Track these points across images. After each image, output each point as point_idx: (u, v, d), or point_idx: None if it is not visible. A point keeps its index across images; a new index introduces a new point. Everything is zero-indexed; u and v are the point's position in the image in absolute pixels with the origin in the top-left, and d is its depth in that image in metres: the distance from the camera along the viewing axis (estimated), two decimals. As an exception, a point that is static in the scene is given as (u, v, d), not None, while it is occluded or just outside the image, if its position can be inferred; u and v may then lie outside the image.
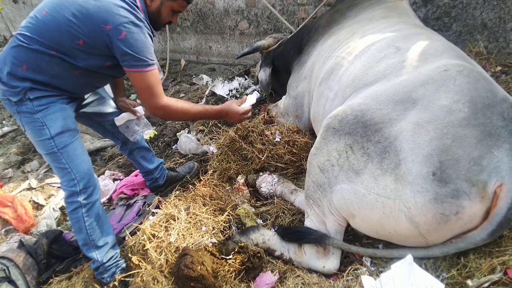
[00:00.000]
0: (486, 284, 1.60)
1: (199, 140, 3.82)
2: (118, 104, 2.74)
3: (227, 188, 2.83)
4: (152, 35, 2.15)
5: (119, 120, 2.65)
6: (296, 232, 2.13)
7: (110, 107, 2.70)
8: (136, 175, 3.47)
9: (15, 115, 2.16)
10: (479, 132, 1.61)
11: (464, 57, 2.06)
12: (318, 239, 1.99)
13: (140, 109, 2.72)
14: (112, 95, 2.80)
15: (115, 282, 2.17)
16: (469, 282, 1.65)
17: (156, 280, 2.07)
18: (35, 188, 3.86)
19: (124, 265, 2.41)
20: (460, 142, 1.59)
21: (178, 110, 2.28)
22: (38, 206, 3.60)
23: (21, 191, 3.83)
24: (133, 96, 5.30)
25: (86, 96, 2.51)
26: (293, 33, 3.95)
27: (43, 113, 2.11)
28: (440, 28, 3.64)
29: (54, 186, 3.86)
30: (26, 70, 2.03)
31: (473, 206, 1.57)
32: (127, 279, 2.21)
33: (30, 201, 3.65)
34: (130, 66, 2.05)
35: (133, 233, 2.64)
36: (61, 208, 3.50)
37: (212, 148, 3.49)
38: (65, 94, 2.22)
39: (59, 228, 3.23)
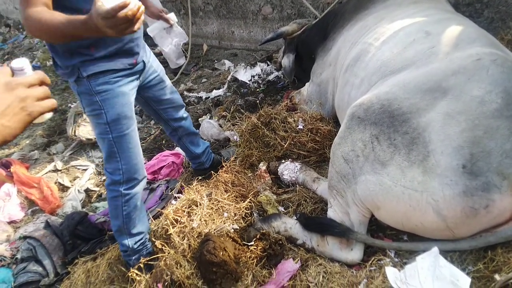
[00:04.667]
0: (515, 280, 1.57)
1: (221, 126, 3.83)
2: (149, 11, 2.61)
3: (249, 175, 2.83)
4: None
5: (152, 30, 2.55)
6: (319, 224, 2.12)
7: (168, 93, 2.61)
8: (157, 159, 3.51)
9: (77, 96, 2.13)
10: (512, 124, 1.56)
11: (497, 45, 1.99)
12: (342, 232, 1.98)
13: (172, 16, 2.61)
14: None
15: (140, 265, 2.21)
16: (496, 276, 1.61)
17: (179, 264, 2.10)
18: (60, 170, 3.95)
19: (150, 248, 2.46)
20: (492, 134, 1.55)
21: (36, 22, 1.70)
22: (63, 188, 3.70)
23: (46, 173, 3.93)
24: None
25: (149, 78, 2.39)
26: (318, 19, 3.87)
27: (101, 96, 2.07)
28: (471, 14, 3.51)
29: (79, 169, 3.94)
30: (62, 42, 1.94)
31: (504, 200, 1.53)
32: (151, 262, 2.24)
33: (55, 182, 3.74)
34: None
35: (156, 217, 2.68)
36: (86, 190, 3.59)
37: (236, 136, 3.48)
38: (111, 56, 2.05)
39: (84, 210, 3.30)
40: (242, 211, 2.43)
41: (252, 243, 2.20)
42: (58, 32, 1.67)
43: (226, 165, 2.84)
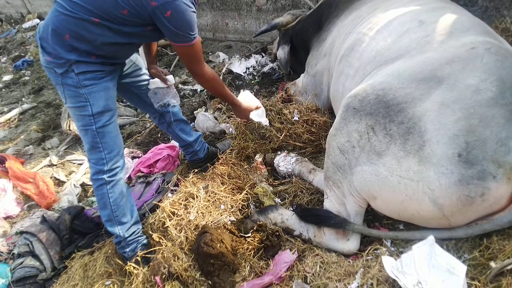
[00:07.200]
0: (510, 267, 1.57)
1: (216, 119, 3.81)
2: (151, 71, 2.76)
3: (245, 167, 2.82)
4: (195, 8, 2.11)
5: (152, 83, 2.67)
6: (316, 215, 2.12)
7: (147, 76, 2.71)
8: (152, 152, 3.50)
9: (58, 86, 2.18)
10: (507, 112, 1.56)
11: (491, 33, 1.98)
12: (338, 224, 1.99)
13: (171, 78, 2.71)
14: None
15: (137, 257, 2.21)
16: (492, 263, 1.62)
17: (176, 257, 2.10)
18: (55, 165, 3.94)
19: (145, 241, 2.46)
20: (487, 122, 1.55)
21: (212, 77, 2.43)
22: (59, 183, 3.68)
23: (42, 168, 3.91)
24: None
25: (125, 68, 2.53)
26: (312, 9, 3.86)
27: (88, 89, 2.14)
28: (465, 3, 3.50)
29: (74, 163, 3.93)
30: (69, 39, 2.03)
31: (500, 188, 1.53)
32: (148, 255, 2.24)
33: (51, 177, 3.73)
34: (174, 40, 2.11)
35: (152, 210, 2.67)
36: (82, 185, 3.57)
37: (231, 129, 3.47)
38: (107, 64, 2.22)
39: (80, 204, 3.29)
40: (239, 203, 2.44)
41: (249, 234, 2.21)
42: (222, 90, 2.57)
43: (222, 157, 2.84)
